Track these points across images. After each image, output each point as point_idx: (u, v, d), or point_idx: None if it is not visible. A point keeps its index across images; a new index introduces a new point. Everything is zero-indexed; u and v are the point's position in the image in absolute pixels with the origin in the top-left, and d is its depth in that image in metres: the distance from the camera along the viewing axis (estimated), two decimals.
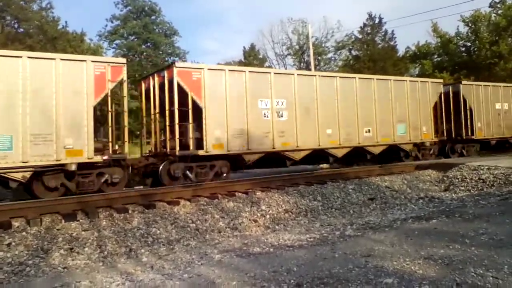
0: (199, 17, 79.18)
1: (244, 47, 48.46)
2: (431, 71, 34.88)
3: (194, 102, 11.88)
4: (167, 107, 11.96)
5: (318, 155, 14.58)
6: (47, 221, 7.28)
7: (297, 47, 43.32)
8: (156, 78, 12.75)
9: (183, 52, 44.64)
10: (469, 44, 36.08)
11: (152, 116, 13.00)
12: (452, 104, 18.52)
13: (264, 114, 13.04)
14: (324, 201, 9.82)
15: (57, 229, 6.99)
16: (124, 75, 10.84)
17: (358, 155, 15.90)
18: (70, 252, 6.34)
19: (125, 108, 11.13)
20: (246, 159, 12.67)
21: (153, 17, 43.08)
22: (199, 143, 11.99)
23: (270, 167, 14.68)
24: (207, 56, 77.48)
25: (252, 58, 45.77)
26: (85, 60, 10.37)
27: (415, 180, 12.42)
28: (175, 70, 11.70)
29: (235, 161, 12.75)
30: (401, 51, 41.47)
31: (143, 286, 4.76)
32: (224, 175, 12.43)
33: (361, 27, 41.40)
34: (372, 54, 39.01)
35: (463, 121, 18.41)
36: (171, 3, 67.64)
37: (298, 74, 14.37)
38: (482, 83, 19.89)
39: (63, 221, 7.32)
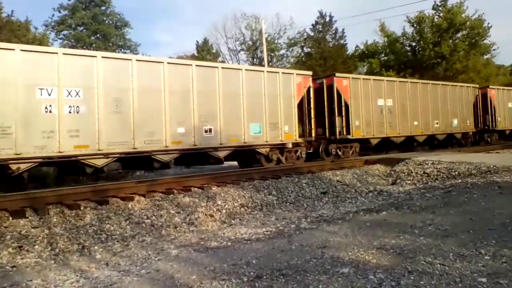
0: (150, 8, 77.40)
1: (197, 41, 48.00)
2: (379, 69, 36.11)
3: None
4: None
5: None
6: None
7: (250, 42, 43.39)
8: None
9: (135, 45, 43.53)
10: (414, 44, 37.64)
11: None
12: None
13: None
14: (279, 195, 9.98)
15: (5, 227, 6.69)
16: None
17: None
18: (19, 250, 6.09)
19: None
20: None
21: (103, 8, 41.67)
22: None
23: None
24: (160, 49, 75.93)
25: (205, 52, 45.36)
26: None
27: (364, 174, 12.87)
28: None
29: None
30: (350, 49, 42.64)
31: (99, 283, 4.67)
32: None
33: (312, 24, 42.13)
34: (323, 51, 39.80)
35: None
36: None
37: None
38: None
39: (10, 218, 7.00)
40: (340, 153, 16.56)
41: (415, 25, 36.70)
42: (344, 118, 16.31)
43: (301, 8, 69.68)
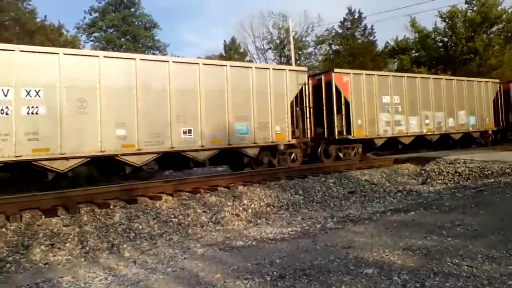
0: (178, 8, 78.36)
1: (224, 41, 48.30)
2: (409, 66, 35.39)
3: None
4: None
5: None
6: (27, 217, 7.22)
7: (277, 41, 43.29)
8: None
9: (164, 45, 44.22)
10: (446, 39, 36.67)
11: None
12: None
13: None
14: (305, 195, 9.94)
15: (38, 225, 6.94)
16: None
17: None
18: (51, 248, 6.30)
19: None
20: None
21: (132, 10, 42.50)
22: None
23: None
24: (187, 48, 76.79)
25: (233, 52, 45.59)
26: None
27: (393, 173, 12.65)
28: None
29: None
30: (380, 46, 41.93)
31: (126, 280, 4.78)
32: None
33: (341, 21, 41.67)
34: (351, 48, 39.32)
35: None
36: None
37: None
38: None
39: (43, 216, 7.26)
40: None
41: (447, 20, 35.73)
42: None
43: (329, 5, 68.96)
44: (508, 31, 34.35)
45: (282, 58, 42.49)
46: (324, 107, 15.36)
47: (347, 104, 15.29)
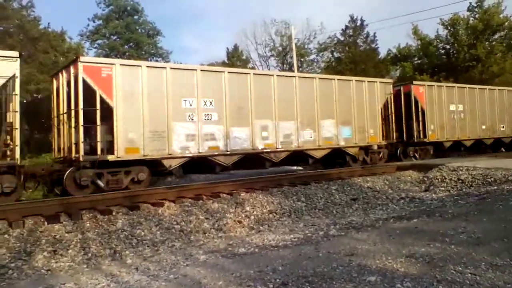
0: (181, 16, 78.84)
1: (227, 48, 48.38)
2: (412, 73, 35.43)
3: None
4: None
5: None
6: (29, 223, 7.22)
7: (280, 48, 43.40)
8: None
9: (166, 52, 44.35)
10: (448, 46, 36.75)
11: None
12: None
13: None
14: (308, 202, 9.93)
15: (40, 231, 6.94)
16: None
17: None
18: (53, 254, 6.31)
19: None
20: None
21: (135, 17, 42.68)
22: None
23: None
24: (190, 56, 77.07)
25: (235, 59, 45.68)
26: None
27: (396, 181, 12.63)
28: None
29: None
30: (382, 53, 41.98)
31: (128, 287, 4.78)
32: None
33: (343, 29, 41.76)
34: (353, 56, 39.37)
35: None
36: (153, 2, 67.17)
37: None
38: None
39: (46, 223, 7.26)
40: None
41: (449, 28, 35.83)
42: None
43: (331, 13, 69.19)
44: (510, 39, 34.47)
45: (285, 65, 42.57)
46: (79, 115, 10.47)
47: (109, 110, 10.67)
